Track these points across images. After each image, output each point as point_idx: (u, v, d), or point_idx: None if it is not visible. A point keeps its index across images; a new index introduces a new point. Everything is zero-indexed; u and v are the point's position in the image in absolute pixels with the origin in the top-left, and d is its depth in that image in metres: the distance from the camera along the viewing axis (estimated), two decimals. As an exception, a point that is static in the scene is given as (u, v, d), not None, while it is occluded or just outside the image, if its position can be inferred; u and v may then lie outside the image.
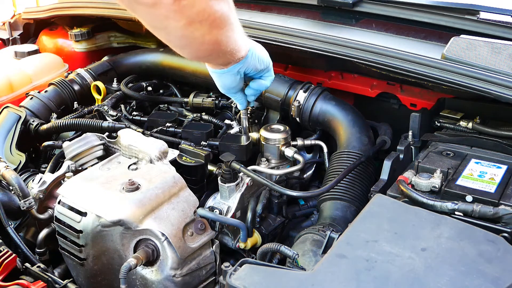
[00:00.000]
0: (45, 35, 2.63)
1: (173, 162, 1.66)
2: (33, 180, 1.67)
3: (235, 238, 1.65)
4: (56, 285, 1.34)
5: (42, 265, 1.39)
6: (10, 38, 2.64)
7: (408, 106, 1.95)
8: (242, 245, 1.61)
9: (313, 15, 2.00)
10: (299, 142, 1.86)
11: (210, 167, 1.76)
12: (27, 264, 1.38)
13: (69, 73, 2.32)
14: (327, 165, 1.83)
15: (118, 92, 2.22)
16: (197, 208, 1.51)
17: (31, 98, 2.12)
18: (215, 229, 1.57)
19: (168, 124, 1.93)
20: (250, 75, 1.53)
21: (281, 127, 1.85)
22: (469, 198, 1.30)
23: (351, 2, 1.94)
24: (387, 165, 1.60)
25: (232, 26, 1.24)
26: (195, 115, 2.08)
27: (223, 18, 1.19)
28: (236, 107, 2.07)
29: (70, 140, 1.85)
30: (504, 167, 1.42)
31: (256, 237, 1.63)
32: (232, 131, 1.95)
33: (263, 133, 1.82)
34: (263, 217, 1.69)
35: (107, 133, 1.88)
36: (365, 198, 1.66)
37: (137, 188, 1.45)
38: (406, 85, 1.92)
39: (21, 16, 2.65)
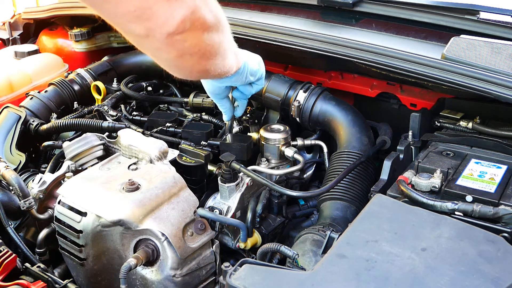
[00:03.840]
0: (45, 35, 2.63)
1: (173, 162, 1.66)
2: (33, 180, 1.67)
3: (235, 238, 1.65)
4: (56, 285, 1.34)
5: (42, 265, 1.39)
6: (10, 38, 2.64)
7: (408, 106, 1.95)
8: (242, 245, 1.60)
9: (313, 15, 2.00)
10: (299, 142, 1.86)
11: (210, 167, 1.76)
12: (27, 264, 1.38)
13: (69, 73, 2.32)
14: (327, 165, 1.83)
15: (118, 92, 2.21)
16: (197, 208, 1.51)
17: (31, 98, 2.12)
18: (215, 229, 1.57)
19: (168, 124, 1.93)
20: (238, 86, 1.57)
21: (281, 127, 1.85)
22: (469, 198, 1.30)
23: (351, 2, 1.94)
24: (387, 165, 1.60)
25: (222, 53, 1.25)
26: (195, 115, 2.08)
27: (214, 50, 1.19)
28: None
29: (70, 140, 1.85)
30: (504, 167, 1.42)
31: (256, 237, 1.63)
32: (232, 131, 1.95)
33: (263, 133, 1.82)
34: (263, 217, 1.69)
35: (107, 133, 1.88)
36: (365, 198, 1.66)
37: (137, 188, 1.45)
38: (406, 85, 1.92)
39: (21, 16, 2.65)
